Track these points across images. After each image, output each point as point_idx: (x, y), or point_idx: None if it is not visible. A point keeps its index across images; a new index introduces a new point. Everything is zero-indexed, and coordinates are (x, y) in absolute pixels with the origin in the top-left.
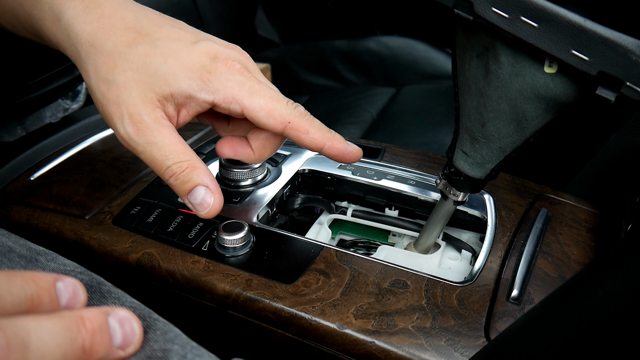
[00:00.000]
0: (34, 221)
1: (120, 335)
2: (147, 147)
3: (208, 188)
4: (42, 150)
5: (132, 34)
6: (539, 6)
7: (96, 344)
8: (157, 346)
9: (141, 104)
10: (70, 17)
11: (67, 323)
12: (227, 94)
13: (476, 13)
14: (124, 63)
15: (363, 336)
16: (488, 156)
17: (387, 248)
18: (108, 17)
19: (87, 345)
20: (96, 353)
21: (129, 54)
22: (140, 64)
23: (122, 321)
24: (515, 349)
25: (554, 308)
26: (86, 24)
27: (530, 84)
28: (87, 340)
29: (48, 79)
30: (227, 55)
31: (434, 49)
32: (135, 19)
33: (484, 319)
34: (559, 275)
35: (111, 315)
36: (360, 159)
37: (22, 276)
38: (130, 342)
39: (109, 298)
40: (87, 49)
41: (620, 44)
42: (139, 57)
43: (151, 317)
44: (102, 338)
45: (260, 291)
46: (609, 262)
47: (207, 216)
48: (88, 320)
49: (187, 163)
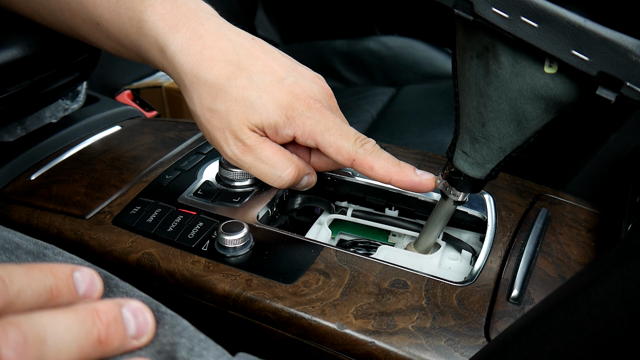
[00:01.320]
0: (34, 221)
1: (134, 326)
2: (254, 164)
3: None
4: (42, 150)
5: (231, 67)
6: (539, 6)
7: (111, 335)
8: (166, 340)
9: (239, 131)
10: (174, 50)
11: (82, 316)
12: (305, 130)
13: (476, 13)
14: (224, 95)
15: (363, 336)
16: (488, 156)
17: (387, 248)
18: (209, 49)
19: (102, 337)
20: (112, 344)
21: (229, 87)
22: (239, 97)
23: (136, 312)
24: (515, 349)
25: (554, 308)
26: (190, 56)
27: (530, 84)
28: (102, 331)
29: (48, 79)
30: (309, 94)
31: (434, 49)
32: (234, 51)
33: (484, 319)
34: (559, 275)
35: (124, 307)
36: (433, 189)
37: (40, 269)
38: (144, 332)
39: (117, 292)
40: (191, 79)
41: (620, 44)
42: (237, 89)
43: (159, 311)
44: (117, 329)
45: (260, 291)
46: (609, 262)
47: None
48: (102, 313)
49: (292, 167)
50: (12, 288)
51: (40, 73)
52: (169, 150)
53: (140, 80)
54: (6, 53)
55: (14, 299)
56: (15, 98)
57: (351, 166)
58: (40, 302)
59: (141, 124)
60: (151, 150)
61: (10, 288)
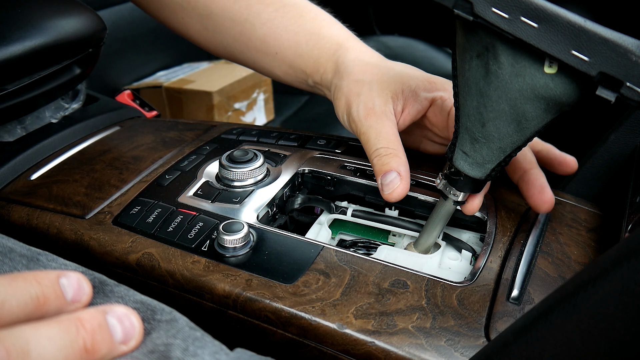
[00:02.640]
0: (34, 221)
1: (120, 331)
2: (368, 130)
3: (399, 174)
4: (42, 150)
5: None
6: (539, 6)
7: (97, 342)
8: (160, 341)
9: (377, 97)
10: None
11: (66, 326)
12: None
13: (476, 13)
14: (372, 68)
15: (363, 336)
16: (488, 156)
17: (387, 248)
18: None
19: (88, 345)
20: (99, 351)
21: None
22: (384, 69)
23: (121, 317)
24: (515, 349)
25: (554, 308)
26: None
27: (530, 84)
28: (87, 339)
29: (48, 77)
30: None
31: (434, 49)
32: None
33: (484, 319)
34: (559, 275)
35: (109, 314)
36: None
37: (24, 278)
38: (131, 337)
39: (112, 298)
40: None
41: (620, 45)
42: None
43: (154, 318)
44: (103, 336)
45: (260, 291)
46: (608, 261)
47: (389, 197)
48: (86, 321)
49: (393, 150)
50: None
51: (39, 71)
52: (169, 150)
53: (140, 80)
54: (5, 50)
55: None
56: (15, 96)
57: None
58: (28, 311)
59: (141, 124)
60: (151, 150)
61: None
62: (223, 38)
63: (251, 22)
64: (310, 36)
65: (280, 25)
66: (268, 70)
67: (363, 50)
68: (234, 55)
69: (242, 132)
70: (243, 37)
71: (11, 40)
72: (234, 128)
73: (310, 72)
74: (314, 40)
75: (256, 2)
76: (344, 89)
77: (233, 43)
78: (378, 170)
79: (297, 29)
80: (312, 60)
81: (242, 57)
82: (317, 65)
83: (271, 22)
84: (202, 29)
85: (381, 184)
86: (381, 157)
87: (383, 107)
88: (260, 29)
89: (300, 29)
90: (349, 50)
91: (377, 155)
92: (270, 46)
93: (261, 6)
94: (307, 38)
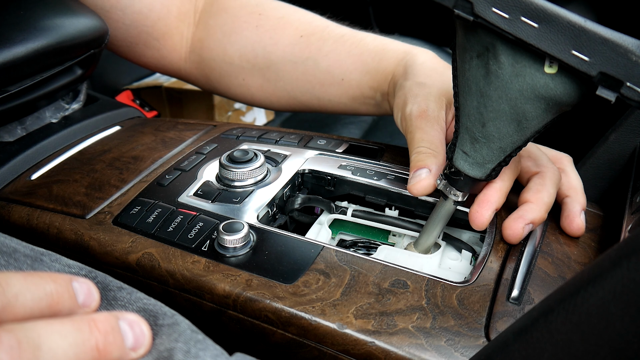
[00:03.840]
0: (34, 221)
1: (131, 337)
2: (416, 129)
3: (430, 172)
4: (42, 150)
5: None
6: (539, 6)
7: (109, 344)
8: (163, 347)
9: (433, 102)
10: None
11: (79, 325)
12: None
13: (476, 13)
14: (436, 74)
15: (363, 336)
16: (488, 156)
17: (387, 248)
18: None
19: (100, 345)
20: (110, 353)
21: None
22: (447, 77)
23: (132, 324)
24: (515, 349)
25: (554, 308)
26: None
27: (531, 84)
28: (100, 340)
29: (49, 79)
30: None
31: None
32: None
33: (484, 319)
34: (559, 275)
35: (121, 319)
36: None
37: (39, 275)
38: (141, 344)
39: (115, 305)
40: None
41: (620, 44)
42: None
43: (157, 323)
44: (115, 339)
45: (260, 291)
46: (608, 261)
47: (412, 188)
48: (100, 322)
49: (433, 151)
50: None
51: (41, 72)
52: (169, 150)
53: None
54: (7, 52)
55: (12, 301)
56: (16, 97)
57: None
58: (42, 307)
59: (141, 124)
60: (151, 150)
61: (8, 291)
62: (285, 84)
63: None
64: (376, 54)
65: (343, 52)
66: (335, 103)
67: (431, 56)
68: (297, 98)
69: (242, 132)
70: (306, 75)
71: (14, 42)
72: (234, 128)
73: (379, 84)
74: (380, 56)
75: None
76: (405, 88)
77: (296, 85)
78: (413, 165)
79: (360, 51)
80: (380, 73)
81: (306, 97)
82: (386, 75)
83: (333, 53)
84: (264, 82)
85: (410, 177)
86: (420, 154)
87: (436, 112)
88: (323, 62)
89: (364, 50)
90: (418, 55)
91: (416, 152)
92: (336, 75)
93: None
94: (373, 56)
